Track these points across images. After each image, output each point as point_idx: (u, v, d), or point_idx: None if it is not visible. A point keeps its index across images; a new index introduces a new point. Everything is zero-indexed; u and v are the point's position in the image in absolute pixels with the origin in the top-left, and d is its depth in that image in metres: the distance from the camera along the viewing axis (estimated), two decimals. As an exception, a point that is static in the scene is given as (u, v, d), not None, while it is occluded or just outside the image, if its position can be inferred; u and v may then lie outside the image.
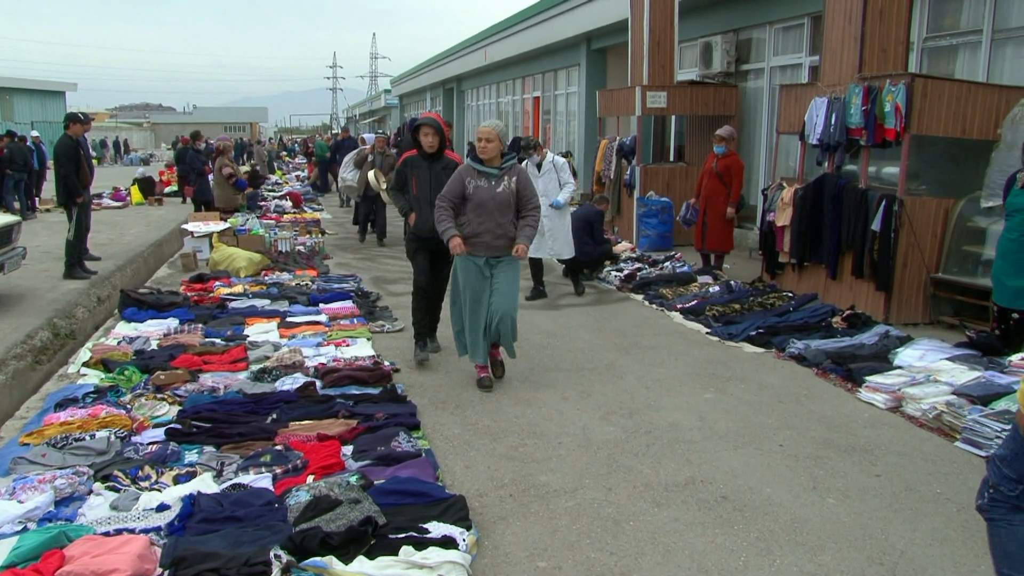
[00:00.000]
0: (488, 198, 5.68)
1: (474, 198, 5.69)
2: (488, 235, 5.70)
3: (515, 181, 5.78)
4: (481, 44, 26.21)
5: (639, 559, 3.61)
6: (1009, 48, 8.33)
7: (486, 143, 5.70)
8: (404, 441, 4.66)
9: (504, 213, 5.72)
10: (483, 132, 5.74)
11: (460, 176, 5.77)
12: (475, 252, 5.74)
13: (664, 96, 11.94)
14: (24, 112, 39.63)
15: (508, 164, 5.81)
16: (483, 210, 5.68)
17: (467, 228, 5.71)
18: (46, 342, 7.08)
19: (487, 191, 5.69)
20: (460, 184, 5.72)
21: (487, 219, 5.68)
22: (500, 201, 5.70)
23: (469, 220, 5.72)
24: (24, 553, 3.38)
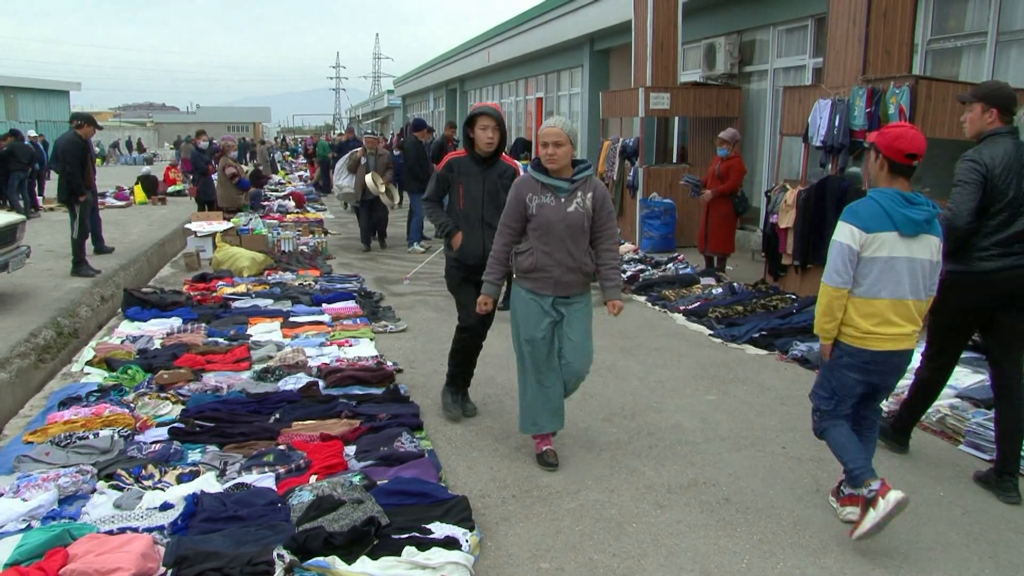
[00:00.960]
0: (557, 219, 4.35)
1: (538, 219, 4.38)
2: (557, 268, 4.39)
3: (590, 198, 4.40)
4: (484, 45, 26.22)
5: (641, 560, 3.61)
6: (1014, 50, 8.32)
7: (555, 148, 4.28)
8: (407, 441, 4.66)
9: (577, 239, 4.39)
10: (550, 134, 4.30)
11: (519, 192, 4.43)
12: (539, 290, 4.46)
13: (667, 97, 11.94)
14: (28, 111, 39.68)
15: (582, 176, 4.42)
16: (550, 235, 4.37)
17: (527, 259, 4.43)
18: (50, 341, 7.09)
19: (555, 210, 4.36)
20: (521, 202, 4.42)
21: (555, 247, 4.37)
22: (572, 224, 4.36)
23: (532, 248, 4.42)
24: (28, 551, 3.39)
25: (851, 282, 3.70)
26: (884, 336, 3.68)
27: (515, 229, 4.51)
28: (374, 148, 12.64)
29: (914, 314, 3.72)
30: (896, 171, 3.70)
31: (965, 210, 4.16)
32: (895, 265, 3.64)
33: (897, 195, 3.66)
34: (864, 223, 3.67)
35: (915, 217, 3.62)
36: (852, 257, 3.67)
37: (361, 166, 12.40)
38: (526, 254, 4.46)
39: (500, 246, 4.55)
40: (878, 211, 3.66)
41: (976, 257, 4.21)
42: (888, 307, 3.67)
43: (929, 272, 3.74)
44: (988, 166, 4.16)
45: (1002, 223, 4.17)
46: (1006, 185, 4.14)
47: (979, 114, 4.33)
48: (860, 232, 3.67)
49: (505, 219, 4.54)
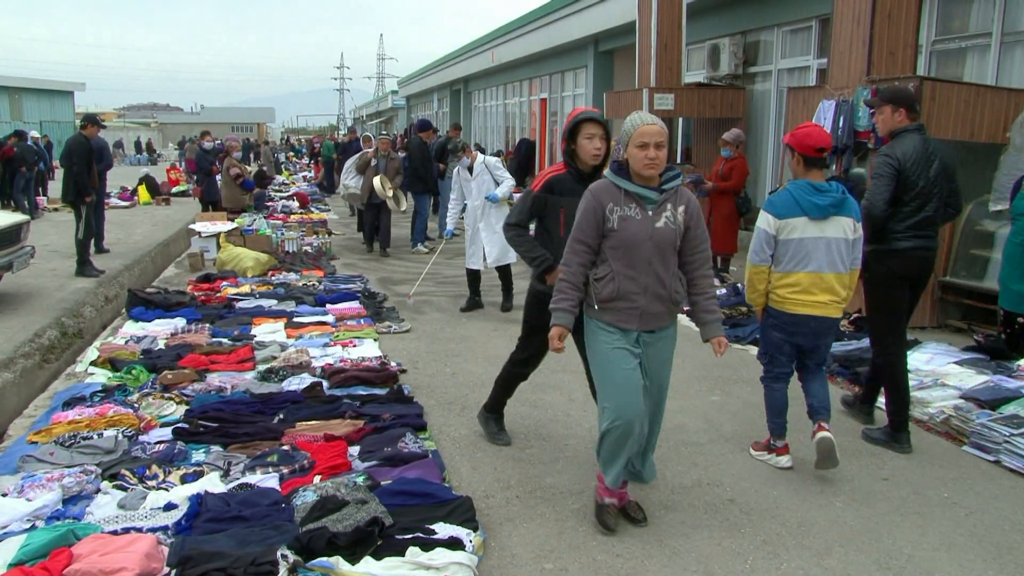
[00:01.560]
0: (643, 237, 3.60)
1: (620, 236, 3.62)
2: (643, 296, 3.64)
3: (682, 212, 3.67)
4: (488, 45, 26.23)
5: (645, 561, 3.61)
6: (1018, 51, 8.30)
7: (656, 151, 3.53)
8: (411, 442, 4.66)
9: (667, 261, 3.66)
10: (652, 133, 3.54)
11: (597, 200, 3.66)
12: (621, 323, 3.70)
13: (671, 98, 11.93)
14: (33, 112, 39.81)
15: (672, 184, 3.66)
16: (634, 255, 3.61)
17: (607, 286, 3.64)
18: (54, 341, 7.11)
19: (641, 225, 3.61)
20: (598, 213, 3.65)
21: (641, 270, 3.63)
22: (662, 242, 3.62)
23: (612, 273, 3.65)
24: (32, 551, 3.39)
25: (768, 260, 4.43)
26: (801, 302, 4.36)
27: (591, 247, 3.69)
28: (387, 151, 12.27)
29: (834, 286, 4.35)
30: (809, 164, 4.32)
31: (880, 200, 4.72)
32: (806, 244, 4.30)
33: (808, 185, 4.31)
34: (777, 211, 4.37)
35: (820, 203, 4.26)
36: (769, 240, 4.39)
37: (371, 168, 12.08)
38: (605, 280, 3.66)
39: (575, 267, 3.71)
40: (789, 200, 4.34)
41: (893, 239, 4.80)
42: (806, 279, 4.33)
43: (846, 249, 4.35)
44: (901, 160, 4.70)
45: (914, 209, 4.76)
46: (916, 176, 4.71)
47: (889, 115, 4.87)
48: (774, 219, 4.36)
49: (579, 234, 3.70)
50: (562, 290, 3.75)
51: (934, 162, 4.75)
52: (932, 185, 4.74)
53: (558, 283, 3.75)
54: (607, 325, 3.72)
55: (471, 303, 8.65)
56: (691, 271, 3.79)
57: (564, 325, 3.74)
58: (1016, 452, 4.61)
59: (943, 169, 4.78)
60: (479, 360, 6.70)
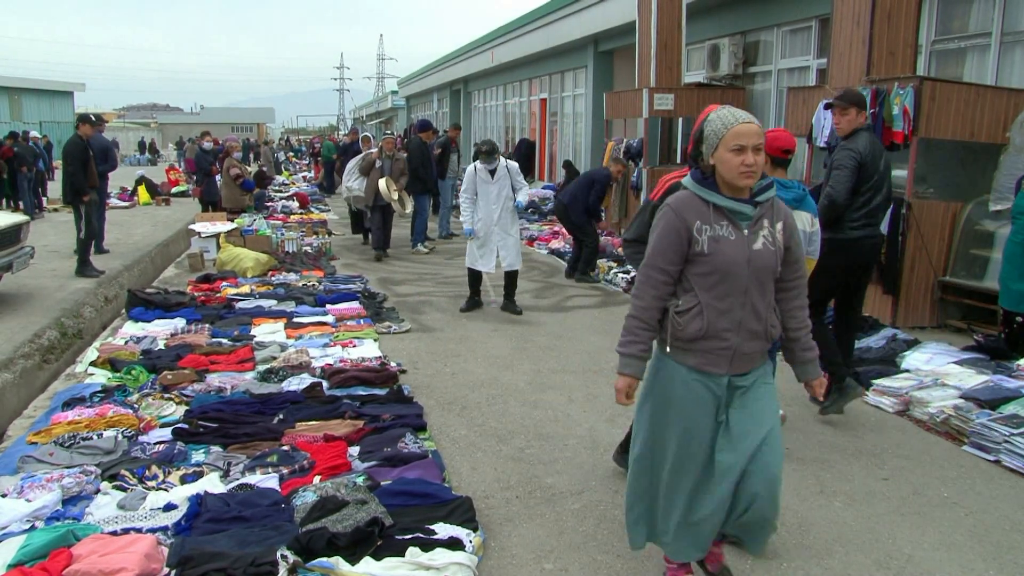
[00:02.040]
0: (739, 261, 2.96)
1: (712, 260, 2.97)
2: (737, 333, 3.00)
3: (780, 229, 3.07)
4: (488, 46, 26.23)
5: (645, 561, 3.61)
6: (1018, 51, 8.30)
7: (755, 156, 2.92)
8: (411, 442, 4.66)
9: (765, 290, 3.04)
10: (751, 133, 2.93)
11: (681, 217, 3.00)
12: (708, 367, 3.03)
13: (671, 98, 11.94)
14: (32, 112, 39.84)
15: (766, 196, 3.05)
16: (729, 284, 2.97)
17: (694, 322, 2.99)
18: (54, 341, 7.11)
19: (737, 247, 2.97)
20: (683, 233, 2.99)
21: (736, 301, 2.98)
22: (761, 267, 2.99)
23: (699, 305, 3.00)
24: (32, 552, 3.39)
25: None
26: None
27: (671, 274, 3.04)
28: (391, 151, 11.89)
29: None
30: (776, 164, 4.55)
31: (843, 189, 5.13)
32: None
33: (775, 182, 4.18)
34: None
35: (785, 198, 4.30)
36: None
37: (375, 169, 11.70)
38: (690, 314, 3.00)
39: (649, 300, 3.07)
40: None
41: (847, 227, 5.21)
42: None
43: (804, 240, 4.41)
44: (862, 154, 5.14)
45: (867, 200, 5.19)
46: (872, 169, 5.15)
47: (854, 116, 5.29)
48: None
49: (657, 259, 3.04)
50: (632, 330, 3.11)
51: (881, 157, 5.24)
52: (882, 178, 5.22)
53: (627, 321, 3.13)
54: (690, 371, 3.05)
55: (471, 303, 8.61)
56: (787, 301, 3.16)
57: (634, 375, 3.16)
58: (1016, 452, 4.61)
59: (887, 163, 5.31)
60: (479, 360, 6.70)
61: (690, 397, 3.06)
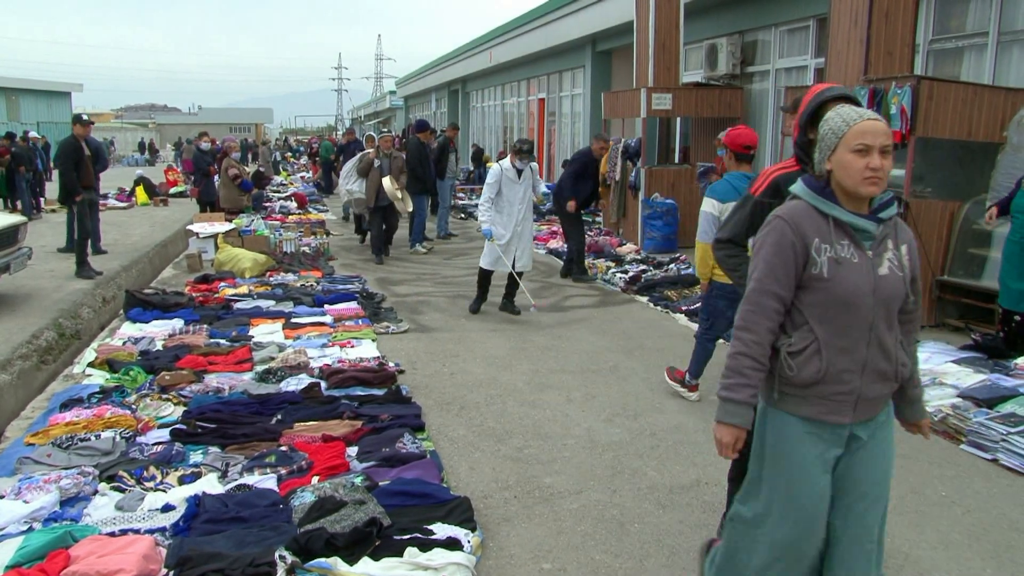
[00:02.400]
0: (865, 290, 2.50)
1: (832, 288, 2.50)
2: (860, 375, 2.53)
3: (906, 251, 2.63)
4: (486, 46, 26.23)
5: (644, 561, 3.61)
6: (1015, 50, 8.31)
7: (881, 159, 2.47)
8: (409, 442, 4.66)
9: (892, 323, 2.59)
10: (873, 131, 2.46)
11: (796, 233, 2.52)
12: (827, 416, 2.55)
13: (669, 98, 11.94)
14: (30, 112, 39.81)
15: (889, 211, 2.59)
16: (852, 316, 2.51)
17: (811, 363, 2.52)
18: (51, 342, 7.10)
19: (861, 272, 2.51)
20: (798, 253, 2.52)
21: (860, 337, 2.52)
22: (889, 296, 2.55)
23: (815, 342, 2.52)
24: (30, 553, 3.39)
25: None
26: None
27: (786, 301, 2.56)
28: (389, 149, 11.57)
29: None
30: (740, 159, 5.12)
31: None
32: None
33: (742, 175, 5.09)
34: (720, 197, 5.09)
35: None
36: (715, 221, 5.03)
37: (375, 169, 11.37)
38: (806, 353, 2.53)
39: (762, 332, 2.56)
40: (729, 188, 5.08)
41: None
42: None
43: None
44: None
45: None
46: None
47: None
48: (718, 203, 5.09)
49: (767, 282, 2.56)
50: (739, 370, 2.57)
51: None
52: None
53: (731, 357, 2.59)
54: (803, 422, 2.58)
55: (479, 304, 8.44)
56: (903, 334, 2.66)
57: (740, 425, 2.58)
58: (1013, 450, 4.61)
59: None
60: (477, 360, 6.70)
61: (808, 457, 2.56)
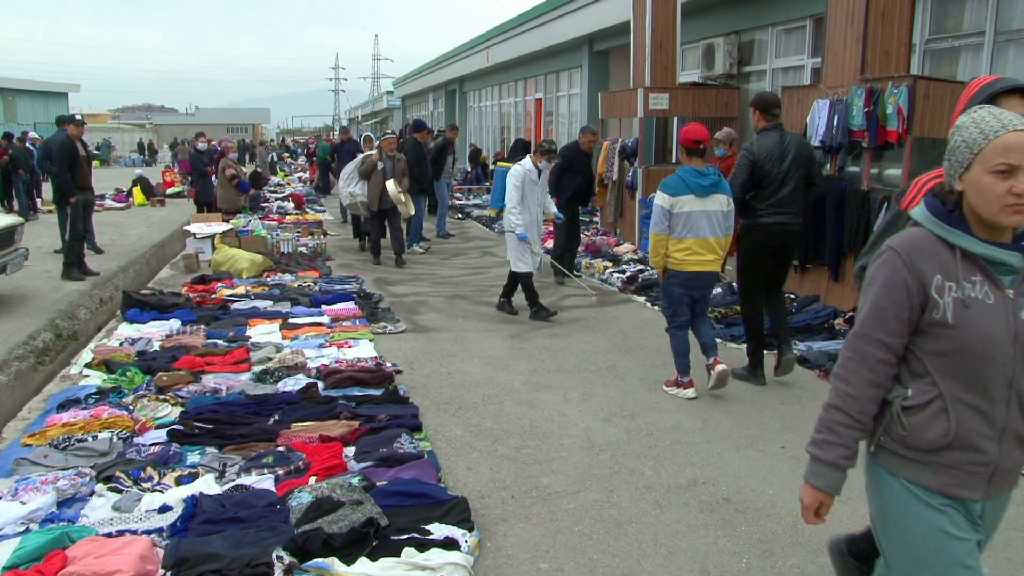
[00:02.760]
0: (1004, 336, 2.08)
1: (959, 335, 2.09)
2: (997, 441, 2.12)
3: None
4: (483, 46, 26.22)
5: (641, 561, 3.61)
6: (1011, 50, 8.32)
7: None
8: (406, 442, 4.66)
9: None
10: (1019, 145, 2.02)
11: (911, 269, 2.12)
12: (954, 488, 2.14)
13: (666, 98, 11.94)
14: (27, 113, 39.75)
15: None
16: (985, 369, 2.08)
17: (936, 425, 2.12)
18: (48, 343, 7.09)
19: (998, 316, 2.08)
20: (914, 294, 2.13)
21: (997, 394, 2.10)
22: None
23: (940, 398, 2.12)
24: (27, 554, 3.38)
25: (667, 230, 5.56)
26: (693, 262, 5.57)
27: (895, 349, 2.17)
28: (391, 152, 11.20)
29: (715, 247, 5.60)
30: (690, 153, 5.57)
31: (737, 184, 5.83)
32: (694, 216, 5.51)
33: (692, 170, 5.54)
34: (671, 191, 5.52)
35: (703, 183, 5.48)
36: (666, 214, 5.52)
37: (377, 171, 11.03)
38: (927, 412, 2.13)
39: (863, 385, 2.19)
40: (680, 182, 5.52)
41: (758, 214, 5.89)
42: (695, 243, 5.54)
43: (722, 218, 5.60)
44: (755, 154, 5.81)
45: (772, 191, 5.82)
46: (771, 166, 5.79)
47: (757, 118, 5.99)
48: (669, 197, 5.51)
49: (872, 327, 2.18)
50: (832, 426, 2.24)
51: (788, 155, 5.81)
52: (786, 173, 5.81)
53: (826, 412, 2.26)
54: (927, 492, 2.16)
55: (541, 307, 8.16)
56: None
57: (828, 491, 2.31)
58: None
59: (796, 158, 5.83)
60: (475, 360, 6.70)
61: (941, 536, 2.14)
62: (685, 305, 5.75)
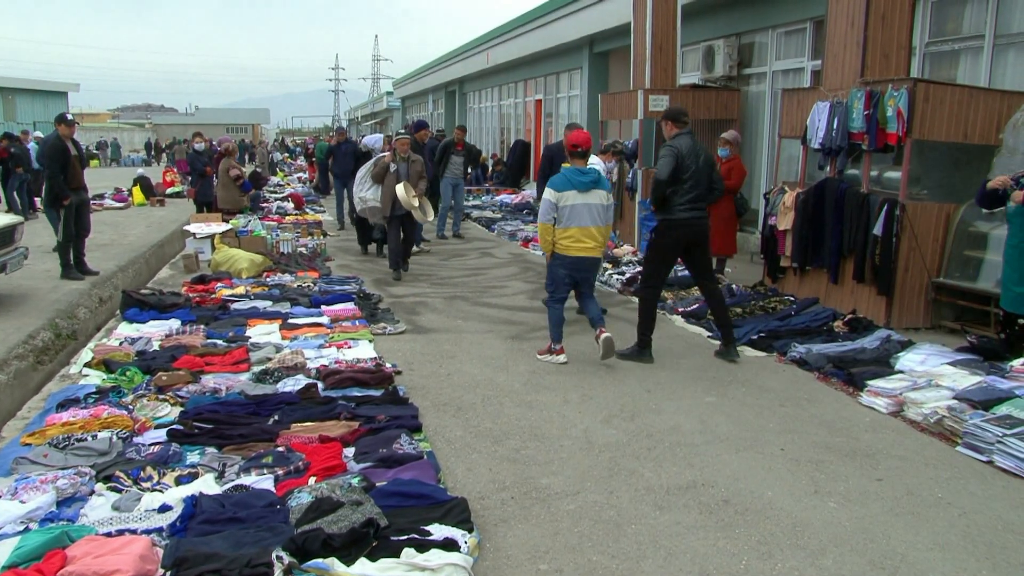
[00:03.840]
0: None
1: None
2: None
3: None
4: (484, 47, 26.24)
5: (640, 562, 3.62)
6: (1011, 53, 8.34)
7: None
8: (406, 443, 4.66)
9: None
10: None
11: None
12: None
13: (666, 100, 11.93)
14: (26, 112, 39.70)
15: None
16: None
17: None
18: (48, 342, 7.09)
19: None
20: None
21: None
22: None
23: None
24: (26, 553, 3.38)
25: (552, 220, 6.43)
26: (576, 248, 6.44)
27: None
28: (406, 153, 10.36)
29: (596, 236, 6.46)
30: (573, 156, 6.52)
31: (665, 170, 6.47)
32: (577, 208, 6.37)
33: (575, 170, 6.43)
34: (557, 187, 6.39)
35: (584, 180, 6.38)
36: (552, 207, 6.40)
37: (390, 175, 10.23)
38: None
39: None
40: (564, 180, 6.41)
41: (676, 210, 6.56)
42: (578, 232, 6.41)
43: (602, 211, 6.47)
44: (680, 148, 6.55)
45: (688, 188, 6.51)
46: (690, 163, 6.50)
47: (670, 127, 6.77)
48: (555, 192, 6.38)
49: None
50: None
51: (700, 156, 6.57)
52: (699, 172, 6.52)
53: None
54: None
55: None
56: None
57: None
58: (1009, 452, 4.62)
59: (706, 161, 6.62)
60: (474, 361, 6.71)
61: None
62: (566, 285, 6.66)
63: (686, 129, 6.75)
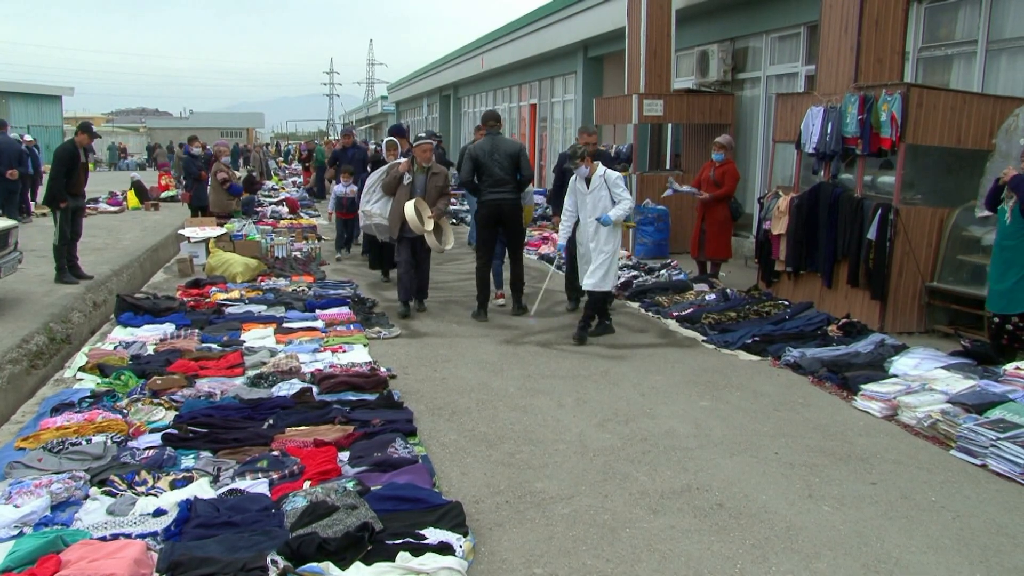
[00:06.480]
0: None
1: None
2: None
3: None
4: (478, 51, 26.25)
5: (635, 566, 3.62)
6: (1004, 58, 8.38)
7: None
8: (401, 447, 4.66)
9: None
10: None
11: None
12: None
13: (661, 104, 11.99)
14: (20, 116, 39.55)
15: None
16: None
17: None
18: (42, 346, 7.07)
19: None
20: None
21: None
22: None
23: None
24: (20, 558, 3.37)
25: None
26: None
27: None
28: (427, 162, 8.31)
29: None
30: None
31: (464, 172, 8.44)
32: None
33: None
34: None
35: None
36: None
37: (403, 187, 8.32)
38: None
39: None
40: None
41: (483, 192, 8.30)
42: None
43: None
44: (472, 151, 8.34)
45: (488, 176, 8.20)
46: (484, 159, 8.20)
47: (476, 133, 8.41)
48: None
49: None
50: None
51: (496, 151, 8.17)
52: (497, 163, 8.15)
53: None
54: None
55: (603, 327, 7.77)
56: None
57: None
58: (1003, 456, 4.64)
59: (507, 155, 8.19)
60: (469, 365, 6.71)
61: None
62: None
63: (491, 131, 8.36)
